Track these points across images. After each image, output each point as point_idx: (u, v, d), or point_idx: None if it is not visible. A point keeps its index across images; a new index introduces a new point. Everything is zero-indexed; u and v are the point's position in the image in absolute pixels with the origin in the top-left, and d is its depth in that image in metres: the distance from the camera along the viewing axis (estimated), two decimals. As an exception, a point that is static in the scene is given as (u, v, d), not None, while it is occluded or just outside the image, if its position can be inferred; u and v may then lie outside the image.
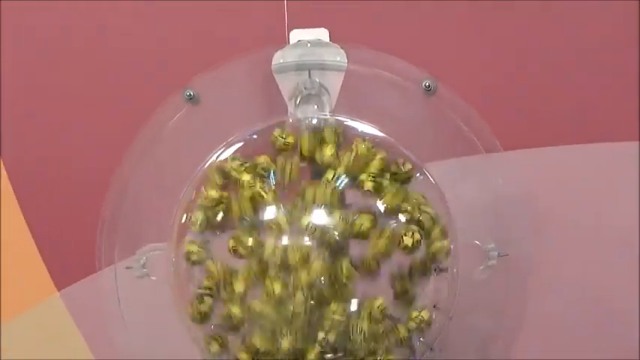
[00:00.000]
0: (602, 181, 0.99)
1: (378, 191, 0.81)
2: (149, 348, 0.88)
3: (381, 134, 0.83)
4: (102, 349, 1.03)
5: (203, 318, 0.84)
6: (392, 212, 0.81)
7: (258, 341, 0.81)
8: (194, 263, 0.83)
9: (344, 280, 0.80)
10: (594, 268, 0.99)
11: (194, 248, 0.83)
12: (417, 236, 0.80)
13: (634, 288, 0.99)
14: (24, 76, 1.02)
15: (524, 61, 0.99)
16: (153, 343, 0.89)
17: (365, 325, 0.81)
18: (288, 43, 0.86)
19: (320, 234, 0.80)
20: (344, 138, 0.83)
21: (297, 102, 0.85)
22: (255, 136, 0.84)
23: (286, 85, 0.85)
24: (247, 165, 0.82)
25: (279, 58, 0.85)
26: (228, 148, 0.84)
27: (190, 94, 0.86)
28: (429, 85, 0.85)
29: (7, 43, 1.02)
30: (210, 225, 0.83)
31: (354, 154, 0.81)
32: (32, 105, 1.03)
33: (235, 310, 0.81)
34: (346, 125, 0.84)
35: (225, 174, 0.83)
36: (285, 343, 0.80)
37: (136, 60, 1.01)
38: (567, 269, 0.99)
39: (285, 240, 0.80)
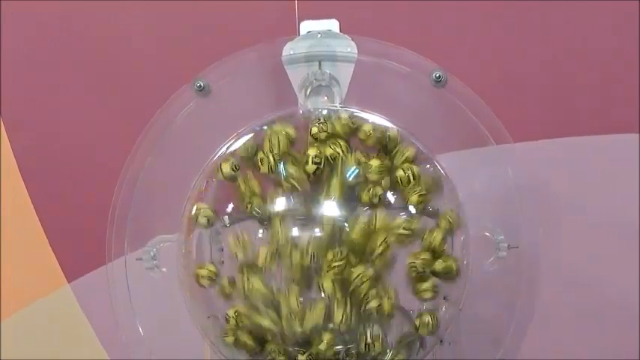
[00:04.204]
0: (612, 173, 0.99)
1: None
2: (159, 339, 0.88)
3: (391, 125, 0.83)
4: (111, 339, 1.03)
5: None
6: None
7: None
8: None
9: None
10: (603, 259, 1.00)
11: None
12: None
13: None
14: (36, 69, 1.03)
15: (533, 55, 0.99)
16: (162, 334, 0.89)
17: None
18: (299, 34, 0.86)
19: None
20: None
21: (308, 93, 0.85)
22: (265, 127, 0.83)
23: (296, 76, 0.85)
24: None
25: (290, 49, 0.85)
26: (239, 139, 0.84)
27: (201, 86, 0.85)
28: (439, 77, 0.85)
29: (18, 35, 1.02)
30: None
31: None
32: (43, 97, 1.03)
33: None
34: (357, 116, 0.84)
35: None
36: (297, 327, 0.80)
37: (147, 51, 1.01)
38: (576, 259, 0.99)
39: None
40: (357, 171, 0.81)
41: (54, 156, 1.03)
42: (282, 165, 0.81)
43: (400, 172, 0.81)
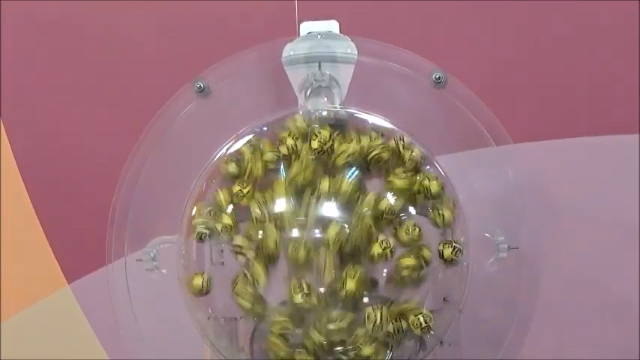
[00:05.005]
0: (612, 173, 0.99)
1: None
2: (159, 340, 0.88)
3: (391, 126, 0.83)
4: (111, 341, 1.03)
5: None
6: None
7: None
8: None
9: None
10: (603, 260, 1.00)
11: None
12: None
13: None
14: (36, 69, 1.03)
15: (534, 56, 0.99)
16: (162, 335, 0.89)
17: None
18: (299, 35, 0.86)
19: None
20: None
21: (308, 94, 0.85)
22: (265, 128, 0.83)
23: (296, 77, 0.85)
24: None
25: (290, 50, 0.85)
26: (239, 140, 0.84)
27: (201, 87, 0.85)
28: (439, 78, 0.84)
29: (18, 35, 1.02)
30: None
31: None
32: (43, 98, 1.03)
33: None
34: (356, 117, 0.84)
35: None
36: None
37: (147, 52, 1.01)
38: (577, 260, 0.99)
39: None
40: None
41: (54, 156, 1.03)
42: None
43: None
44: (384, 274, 0.82)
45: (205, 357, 0.86)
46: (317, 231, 0.80)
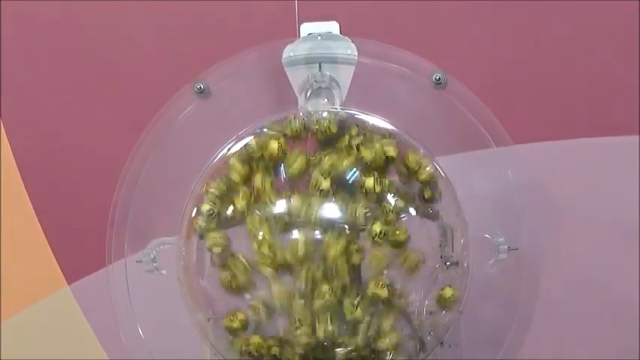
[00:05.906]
0: (612, 173, 0.99)
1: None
2: (159, 341, 0.88)
3: (391, 127, 0.83)
4: (111, 341, 1.03)
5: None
6: None
7: None
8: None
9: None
10: (603, 261, 1.00)
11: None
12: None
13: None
14: (36, 69, 1.03)
15: (534, 56, 0.99)
16: (162, 336, 0.89)
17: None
18: (299, 36, 0.86)
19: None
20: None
21: (308, 95, 0.85)
22: (265, 129, 0.83)
23: (297, 78, 0.85)
24: None
25: (290, 51, 0.85)
26: (239, 141, 0.84)
27: (201, 88, 0.85)
28: (439, 79, 0.84)
29: (18, 35, 1.02)
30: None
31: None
32: (43, 98, 1.03)
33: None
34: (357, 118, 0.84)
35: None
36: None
37: (147, 52, 1.01)
38: (577, 260, 0.99)
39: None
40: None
41: (54, 156, 1.03)
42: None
43: None
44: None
45: (205, 358, 0.87)
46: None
